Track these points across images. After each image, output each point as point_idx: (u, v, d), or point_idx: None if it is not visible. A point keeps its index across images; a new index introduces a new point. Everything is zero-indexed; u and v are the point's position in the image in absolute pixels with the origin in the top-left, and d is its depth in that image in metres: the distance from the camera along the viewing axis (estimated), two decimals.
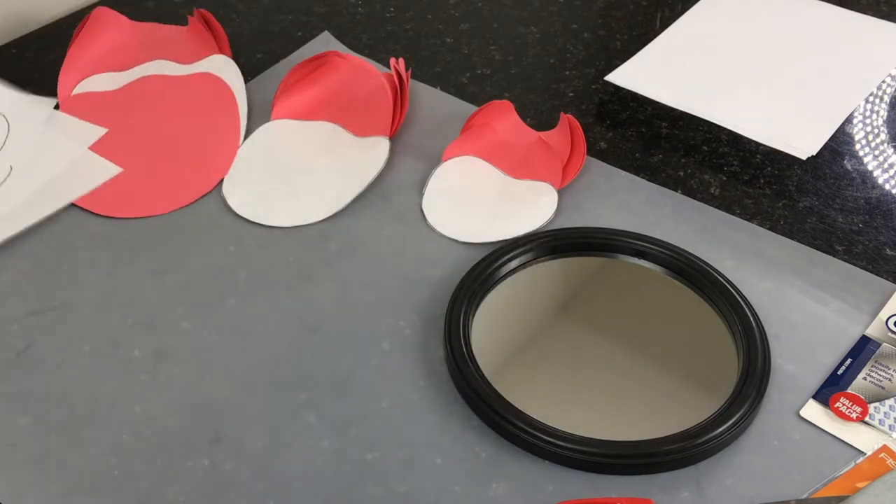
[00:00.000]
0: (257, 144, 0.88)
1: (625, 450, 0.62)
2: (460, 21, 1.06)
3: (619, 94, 0.96)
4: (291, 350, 0.70)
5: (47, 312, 0.73)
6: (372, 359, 0.70)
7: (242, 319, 0.72)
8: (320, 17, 1.06)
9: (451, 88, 0.96)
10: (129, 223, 0.81)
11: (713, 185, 0.85)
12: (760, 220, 0.81)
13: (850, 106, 0.94)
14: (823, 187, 0.85)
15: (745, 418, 0.64)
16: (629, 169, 0.86)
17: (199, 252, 0.78)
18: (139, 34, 0.98)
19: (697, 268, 0.74)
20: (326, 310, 0.73)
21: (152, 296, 0.74)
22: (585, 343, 0.73)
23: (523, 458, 0.63)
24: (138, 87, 0.93)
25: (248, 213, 0.81)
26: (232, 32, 1.01)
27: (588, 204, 0.82)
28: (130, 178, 0.84)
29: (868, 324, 0.72)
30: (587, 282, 0.78)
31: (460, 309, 0.70)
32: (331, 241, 0.79)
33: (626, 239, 0.76)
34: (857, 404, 0.66)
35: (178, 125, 0.90)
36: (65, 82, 0.92)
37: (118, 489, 0.61)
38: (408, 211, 0.82)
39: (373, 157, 0.85)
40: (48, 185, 0.82)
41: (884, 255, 0.78)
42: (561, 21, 1.07)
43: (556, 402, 0.67)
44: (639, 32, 1.05)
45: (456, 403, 0.67)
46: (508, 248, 0.75)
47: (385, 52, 1.00)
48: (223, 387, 0.68)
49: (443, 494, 0.61)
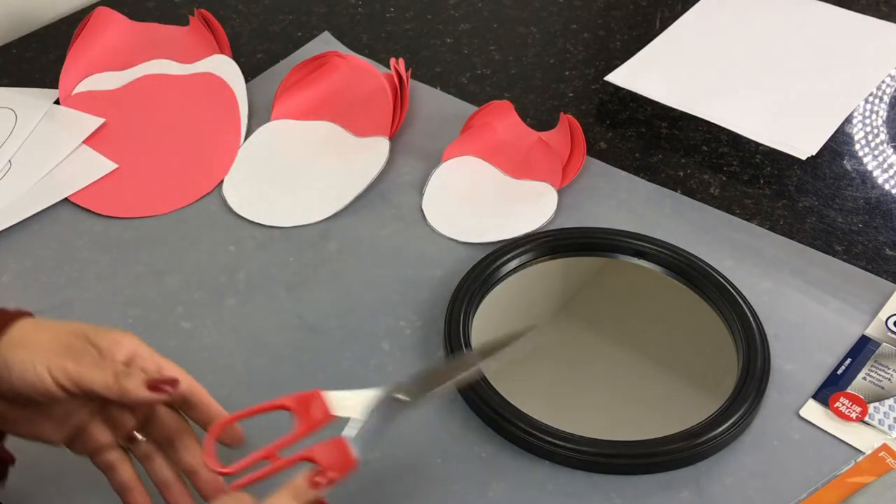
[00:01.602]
0: (257, 144, 0.88)
1: (625, 450, 0.62)
2: (460, 21, 1.06)
3: (619, 94, 0.96)
4: (291, 350, 0.70)
5: (48, 312, 0.73)
6: (372, 359, 0.70)
7: (242, 319, 0.73)
8: (320, 17, 1.06)
9: (451, 88, 0.96)
10: (129, 223, 0.81)
11: (713, 185, 0.85)
12: (760, 220, 0.81)
13: (849, 106, 0.94)
14: (823, 187, 0.85)
15: (745, 418, 0.64)
16: (629, 169, 0.86)
17: (199, 252, 0.78)
18: (139, 34, 0.98)
19: (697, 268, 0.74)
20: (326, 310, 0.73)
21: (152, 296, 0.74)
22: (585, 343, 0.73)
23: (523, 458, 0.63)
24: (139, 87, 0.93)
25: (248, 213, 0.81)
26: (232, 32, 1.01)
27: (588, 204, 0.82)
28: (131, 177, 0.84)
29: (868, 324, 0.72)
30: (587, 282, 0.78)
31: (460, 309, 0.70)
32: (331, 241, 0.79)
33: (626, 239, 0.76)
34: (856, 404, 0.66)
35: (178, 125, 0.90)
36: (66, 82, 0.92)
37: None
38: (408, 211, 0.82)
39: (373, 157, 0.85)
40: (45, 180, 0.83)
41: (883, 255, 0.78)
42: (561, 21, 1.07)
43: (556, 402, 0.67)
44: (639, 32, 1.05)
45: (456, 403, 0.67)
46: (508, 248, 0.75)
47: (385, 52, 1.00)
48: (223, 387, 0.67)
49: (443, 494, 0.61)
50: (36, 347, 0.49)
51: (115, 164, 0.85)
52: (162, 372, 0.53)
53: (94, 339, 0.51)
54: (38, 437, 0.53)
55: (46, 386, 0.49)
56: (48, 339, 0.49)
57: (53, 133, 0.87)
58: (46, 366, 0.48)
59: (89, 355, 0.50)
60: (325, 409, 0.53)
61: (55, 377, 0.48)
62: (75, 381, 0.49)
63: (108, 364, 0.50)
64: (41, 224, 0.80)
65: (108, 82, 0.93)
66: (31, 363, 0.48)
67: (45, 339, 0.49)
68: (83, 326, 0.52)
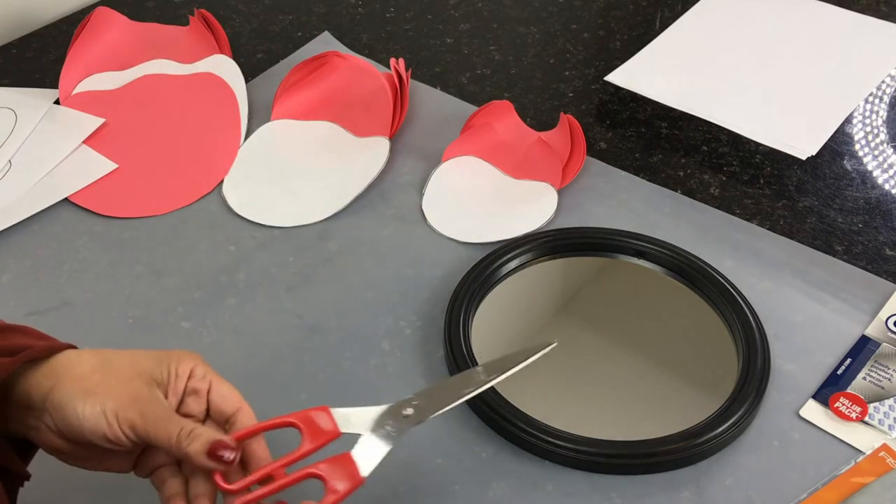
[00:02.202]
0: (257, 144, 0.88)
1: (625, 450, 0.62)
2: (460, 21, 1.06)
3: (619, 94, 0.96)
4: (291, 350, 0.70)
5: (48, 312, 0.73)
6: (372, 359, 0.70)
7: (242, 319, 0.73)
8: (320, 17, 1.06)
9: (451, 88, 0.96)
10: (129, 223, 0.81)
11: (713, 185, 0.85)
12: (760, 221, 0.81)
13: (849, 106, 0.94)
14: (823, 187, 0.85)
15: (745, 418, 0.64)
16: (629, 169, 0.86)
17: (199, 252, 0.78)
18: (139, 34, 0.98)
19: (697, 268, 0.74)
20: (326, 310, 0.73)
21: (152, 296, 0.74)
22: (585, 343, 0.73)
23: (523, 458, 0.63)
24: (139, 87, 0.93)
25: (248, 213, 0.81)
26: (232, 32, 1.01)
27: (588, 204, 0.82)
28: (131, 177, 0.84)
29: (868, 324, 0.72)
30: (587, 282, 0.78)
31: (460, 309, 0.70)
32: (331, 241, 0.79)
33: (626, 239, 0.76)
34: (856, 404, 0.66)
35: (178, 125, 0.90)
36: (66, 82, 0.92)
37: (119, 489, 0.61)
38: (408, 211, 0.82)
39: (373, 157, 0.85)
40: (45, 180, 0.83)
41: (883, 255, 0.78)
42: (561, 21, 1.07)
43: (556, 402, 0.67)
44: (639, 32, 1.05)
45: None
46: (508, 248, 0.75)
47: (385, 52, 1.00)
48: None
49: (443, 494, 0.61)
50: (104, 396, 0.49)
51: (115, 164, 0.85)
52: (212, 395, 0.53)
53: (157, 375, 0.52)
54: (107, 470, 0.54)
55: (117, 437, 0.49)
56: (116, 387, 0.50)
57: (53, 133, 0.87)
58: (115, 418, 0.49)
59: (155, 405, 0.50)
60: (332, 426, 0.53)
61: (123, 431, 0.49)
62: (142, 437, 0.50)
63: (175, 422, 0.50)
64: (41, 224, 0.80)
65: (108, 82, 0.93)
66: (101, 415, 0.49)
67: (114, 388, 0.50)
68: (145, 361, 0.52)
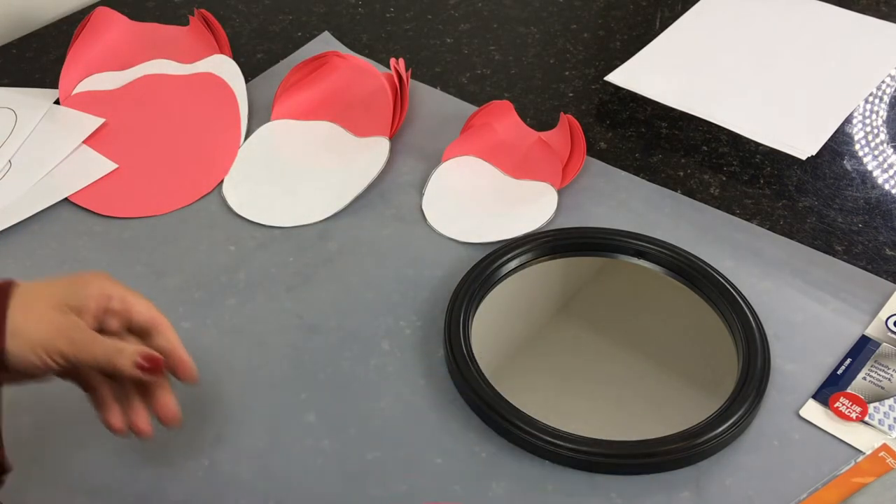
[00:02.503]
0: (257, 144, 0.88)
1: (625, 450, 0.62)
2: (460, 21, 1.06)
3: (619, 94, 0.96)
4: (291, 350, 0.70)
5: None
6: (372, 359, 0.70)
7: (242, 319, 0.73)
8: (320, 17, 1.06)
9: (451, 88, 0.96)
10: (129, 223, 0.81)
11: (713, 185, 0.85)
12: (760, 221, 0.81)
13: (849, 106, 0.94)
14: (823, 187, 0.85)
15: (745, 418, 0.64)
16: (629, 169, 0.86)
17: (199, 252, 0.78)
18: (139, 34, 0.98)
19: (697, 268, 0.74)
20: (326, 310, 0.73)
21: (152, 296, 0.74)
22: (585, 343, 0.73)
23: (523, 458, 0.63)
24: (139, 87, 0.93)
25: (248, 213, 0.81)
26: (232, 32, 1.01)
27: (588, 204, 0.82)
28: (131, 177, 0.84)
29: (868, 324, 0.72)
30: (587, 282, 0.78)
31: (460, 309, 0.70)
32: (331, 241, 0.79)
33: (626, 239, 0.76)
34: (856, 404, 0.66)
35: (178, 125, 0.90)
36: (66, 82, 0.92)
37: (119, 489, 0.61)
38: (408, 211, 0.82)
39: (373, 157, 0.85)
40: (45, 180, 0.83)
41: (883, 255, 0.78)
42: (561, 21, 1.07)
43: (557, 402, 0.67)
44: (639, 32, 1.05)
45: (456, 403, 0.67)
46: (508, 248, 0.75)
47: (385, 52, 1.00)
48: (223, 387, 0.68)
49: (443, 494, 0.61)
50: (29, 335, 0.53)
51: (115, 164, 0.85)
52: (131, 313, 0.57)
53: (71, 302, 0.55)
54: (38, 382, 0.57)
55: (49, 367, 0.53)
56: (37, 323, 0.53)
57: (53, 133, 0.87)
58: (45, 351, 0.53)
59: (78, 331, 0.54)
60: None
61: (55, 360, 0.53)
62: (71, 362, 0.54)
63: (99, 343, 0.54)
64: (41, 224, 0.80)
65: (108, 82, 0.93)
66: (31, 351, 0.53)
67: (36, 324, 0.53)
68: (59, 291, 0.55)
